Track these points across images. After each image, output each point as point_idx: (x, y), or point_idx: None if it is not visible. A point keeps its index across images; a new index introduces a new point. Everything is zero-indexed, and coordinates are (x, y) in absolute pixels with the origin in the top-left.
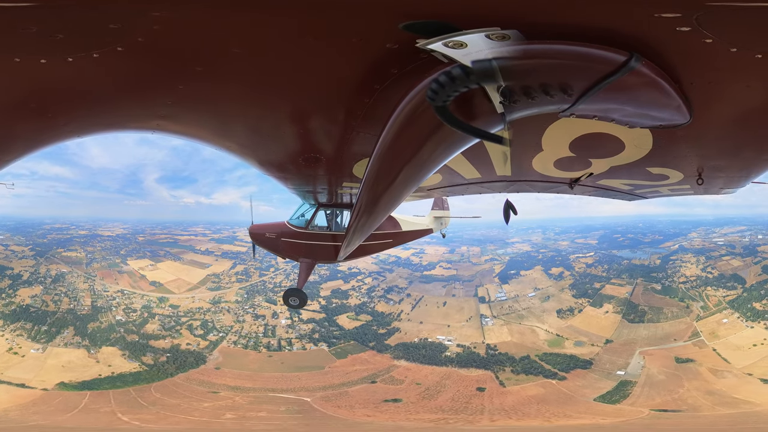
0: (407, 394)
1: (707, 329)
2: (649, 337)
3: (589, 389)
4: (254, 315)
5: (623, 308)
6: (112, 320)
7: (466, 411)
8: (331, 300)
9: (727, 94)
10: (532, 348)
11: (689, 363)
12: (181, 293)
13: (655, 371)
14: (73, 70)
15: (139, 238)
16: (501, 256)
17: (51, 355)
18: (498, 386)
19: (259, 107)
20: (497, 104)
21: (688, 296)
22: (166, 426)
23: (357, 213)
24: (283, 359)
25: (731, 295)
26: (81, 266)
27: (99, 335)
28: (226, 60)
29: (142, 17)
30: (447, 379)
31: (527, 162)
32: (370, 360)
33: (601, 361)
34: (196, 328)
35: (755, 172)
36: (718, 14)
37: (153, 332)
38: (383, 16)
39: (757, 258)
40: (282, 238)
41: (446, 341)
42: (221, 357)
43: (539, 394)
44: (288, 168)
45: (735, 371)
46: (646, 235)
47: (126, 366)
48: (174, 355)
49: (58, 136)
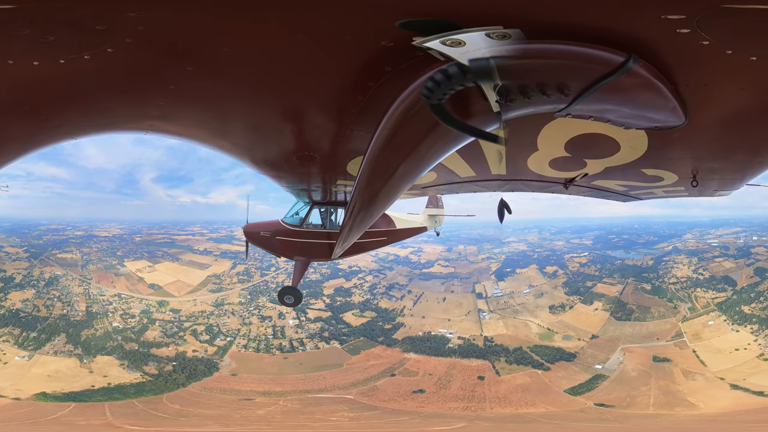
0: (426, 384)
1: (691, 330)
2: (634, 334)
3: (566, 380)
4: (260, 316)
5: (612, 306)
6: (108, 327)
7: (473, 399)
8: (335, 298)
9: (721, 97)
10: (524, 340)
11: (665, 362)
12: (182, 296)
13: (630, 368)
14: (66, 71)
15: (136, 239)
16: (497, 255)
17: (37, 363)
18: (494, 375)
19: (252, 106)
20: (493, 103)
21: (676, 297)
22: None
23: (351, 211)
24: (300, 360)
25: (720, 297)
26: (76, 268)
27: (93, 343)
28: (217, 59)
29: (122, 18)
30: (453, 369)
31: (522, 161)
32: (382, 354)
33: (585, 354)
34: (201, 333)
35: (750, 175)
36: (717, 16)
37: (154, 339)
38: (382, 14)
39: (750, 260)
40: (276, 236)
41: (448, 334)
42: (234, 362)
43: (525, 383)
44: (282, 166)
45: (708, 374)
46: (641, 236)
47: (125, 376)
48: (181, 364)
49: (53, 138)
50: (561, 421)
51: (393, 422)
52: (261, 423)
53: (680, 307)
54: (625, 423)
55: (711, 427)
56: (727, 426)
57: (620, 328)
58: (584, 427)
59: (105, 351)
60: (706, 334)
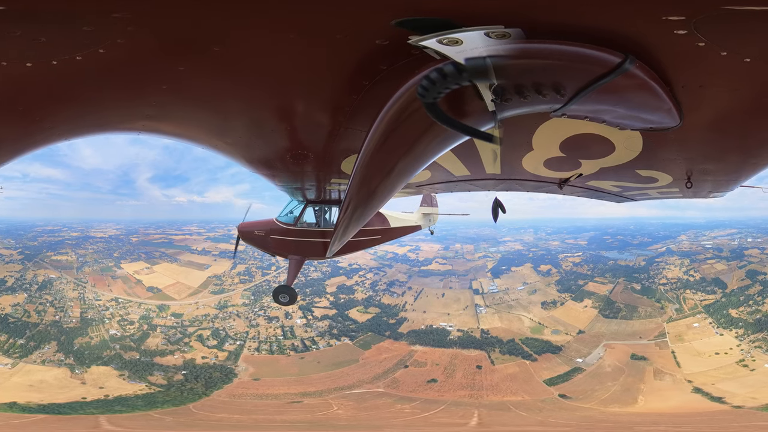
0: (436, 373)
1: (675, 331)
2: (618, 332)
3: (548, 371)
4: (266, 317)
5: (601, 304)
6: (104, 335)
7: (473, 387)
8: (338, 296)
9: (715, 98)
10: (517, 333)
11: (641, 361)
12: (183, 299)
13: (607, 363)
14: (59, 72)
15: (132, 239)
16: (493, 254)
17: (21, 372)
18: (490, 365)
19: (244, 106)
20: (489, 102)
21: (665, 298)
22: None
23: (345, 209)
24: (317, 358)
25: (709, 299)
26: (71, 271)
27: (88, 353)
28: (208, 59)
29: (109, 20)
30: (455, 359)
31: (517, 161)
32: (391, 348)
33: (570, 348)
34: (207, 338)
35: (744, 176)
36: (715, 18)
37: (157, 347)
38: (377, 12)
39: (743, 262)
40: (271, 235)
41: (448, 327)
42: (251, 367)
43: (514, 372)
44: (276, 165)
45: (678, 376)
46: (636, 237)
47: (126, 387)
48: (192, 372)
49: (46, 139)
50: (524, 410)
51: (443, 412)
52: (348, 422)
53: (667, 308)
54: (552, 414)
55: (622, 422)
56: (637, 426)
57: (606, 325)
58: (521, 416)
59: (101, 361)
60: (689, 336)
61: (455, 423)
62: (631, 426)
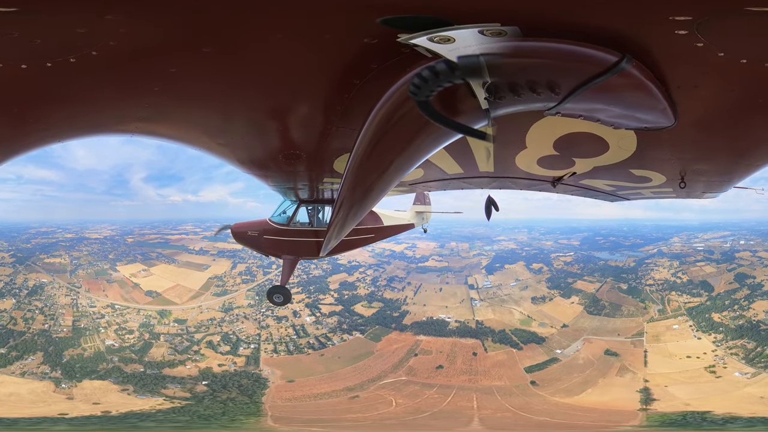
0: (441, 360)
1: (653, 332)
2: (599, 328)
3: (530, 359)
4: (275, 317)
5: (587, 301)
6: (100, 346)
7: (470, 372)
8: (342, 292)
9: (711, 99)
10: (507, 324)
11: (612, 356)
12: (185, 303)
13: (581, 356)
14: (53, 74)
15: (128, 240)
16: (488, 252)
17: None
18: (483, 352)
19: (236, 107)
20: (482, 100)
21: (650, 298)
22: None
23: (338, 208)
24: (336, 354)
25: (694, 302)
26: (64, 274)
27: (79, 366)
28: (199, 60)
29: (101, 22)
30: (455, 347)
31: (510, 159)
32: (399, 339)
33: (552, 340)
34: (218, 344)
35: (737, 178)
36: (718, 18)
37: (163, 358)
38: (362, 10)
39: (732, 265)
40: (264, 235)
41: (447, 318)
42: (277, 369)
43: (502, 359)
44: (268, 166)
45: (640, 374)
46: (628, 238)
47: (135, 403)
48: (214, 381)
49: (39, 141)
50: (501, 394)
51: (457, 396)
52: (423, 408)
53: (650, 308)
54: (516, 400)
55: (552, 413)
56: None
57: (589, 321)
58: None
59: (96, 375)
60: (666, 338)
61: (468, 407)
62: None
